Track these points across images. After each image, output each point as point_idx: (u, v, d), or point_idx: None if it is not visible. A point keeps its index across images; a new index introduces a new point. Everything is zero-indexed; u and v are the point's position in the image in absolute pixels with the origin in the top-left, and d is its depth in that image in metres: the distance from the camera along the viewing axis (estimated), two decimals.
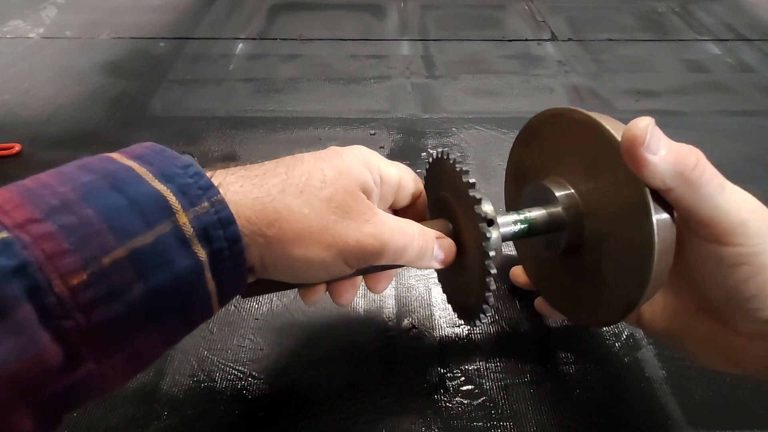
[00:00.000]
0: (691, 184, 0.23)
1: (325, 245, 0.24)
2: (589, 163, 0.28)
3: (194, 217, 0.20)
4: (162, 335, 0.20)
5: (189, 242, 0.19)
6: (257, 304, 0.39)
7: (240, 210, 0.22)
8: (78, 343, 0.17)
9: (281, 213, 0.23)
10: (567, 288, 0.32)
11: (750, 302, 0.24)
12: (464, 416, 0.32)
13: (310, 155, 0.26)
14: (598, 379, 0.34)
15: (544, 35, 0.79)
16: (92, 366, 0.18)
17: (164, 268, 0.19)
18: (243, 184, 0.23)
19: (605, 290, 0.28)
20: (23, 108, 0.61)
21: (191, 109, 0.61)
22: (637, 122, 0.23)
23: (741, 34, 0.79)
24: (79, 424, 0.31)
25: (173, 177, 0.20)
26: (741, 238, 0.23)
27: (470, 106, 0.62)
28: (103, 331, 0.18)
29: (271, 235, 0.23)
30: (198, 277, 0.20)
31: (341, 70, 0.69)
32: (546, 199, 0.30)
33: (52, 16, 0.83)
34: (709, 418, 0.32)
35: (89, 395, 0.19)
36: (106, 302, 0.18)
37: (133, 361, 0.20)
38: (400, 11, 0.86)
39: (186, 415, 0.32)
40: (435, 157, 0.31)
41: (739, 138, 0.57)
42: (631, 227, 0.25)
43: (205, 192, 0.20)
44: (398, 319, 0.38)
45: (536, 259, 0.36)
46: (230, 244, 0.21)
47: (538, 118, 0.31)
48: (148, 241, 0.18)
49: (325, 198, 0.24)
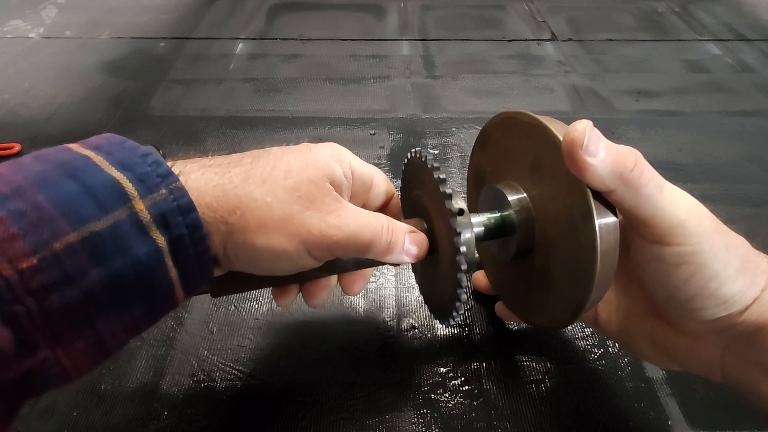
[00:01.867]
0: (631, 185, 0.23)
1: (287, 234, 0.23)
2: (537, 167, 0.28)
3: (152, 204, 0.19)
4: (124, 323, 0.20)
5: (146, 228, 0.19)
6: (257, 304, 0.39)
7: (200, 197, 0.22)
8: (30, 329, 0.17)
9: (243, 200, 0.23)
10: (521, 292, 0.32)
11: (691, 302, 0.24)
12: (464, 416, 0.32)
13: (279, 148, 0.26)
14: (598, 378, 0.34)
15: (544, 35, 0.79)
16: (48, 353, 0.18)
17: (122, 254, 0.19)
18: (204, 172, 0.23)
19: (554, 293, 0.28)
20: (23, 108, 0.61)
21: (191, 109, 0.61)
22: (576, 125, 0.23)
23: (741, 34, 0.79)
24: (78, 423, 0.31)
25: (132, 166, 0.20)
26: (680, 238, 0.23)
27: (470, 106, 0.62)
28: (59, 317, 0.18)
29: (233, 222, 0.22)
30: (158, 264, 0.20)
31: (341, 70, 0.69)
32: (499, 203, 0.30)
33: (52, 16, 0.83)
34: (709, 418, 0.32)
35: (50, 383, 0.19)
36: (60, 287, 0.17)
37: (94, 348, 0.19)
38: (400, 11, 0.86)
39: (186, 415, 0.32)
40: (409, 158, 0.31)
41: (739, 138, 0.57)
42: (574, 230, 0.25)
43: (164, 179, 0.20)
44: (398, 319, 0.38)
45: (494, 264, 0.36)
46: (191, 230, 0.20)
47: (492, 122, 0.32)
48: (103, 226, 0.18)
49: (289, 187, 0.24)
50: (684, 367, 0.27)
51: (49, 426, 0.31)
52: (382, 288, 0.40)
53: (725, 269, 0.23)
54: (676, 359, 0.27)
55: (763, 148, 0.56)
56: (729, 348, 0.25)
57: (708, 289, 0.24)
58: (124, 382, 0.34)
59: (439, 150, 0.55)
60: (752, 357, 0.24)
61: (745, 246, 0.25)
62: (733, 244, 0.24)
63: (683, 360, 0.27)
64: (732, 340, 0.25)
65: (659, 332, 0.27)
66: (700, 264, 0.23)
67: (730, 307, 0.24)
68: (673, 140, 0.57)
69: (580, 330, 0.37)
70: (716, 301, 0.24)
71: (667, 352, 0.27)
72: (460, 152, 0.55)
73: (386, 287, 0.40)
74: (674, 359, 0.27)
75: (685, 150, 0.55)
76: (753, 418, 0.32)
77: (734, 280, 0.24)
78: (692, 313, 0.25)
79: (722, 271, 0.23)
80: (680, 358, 0.27)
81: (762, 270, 0.24)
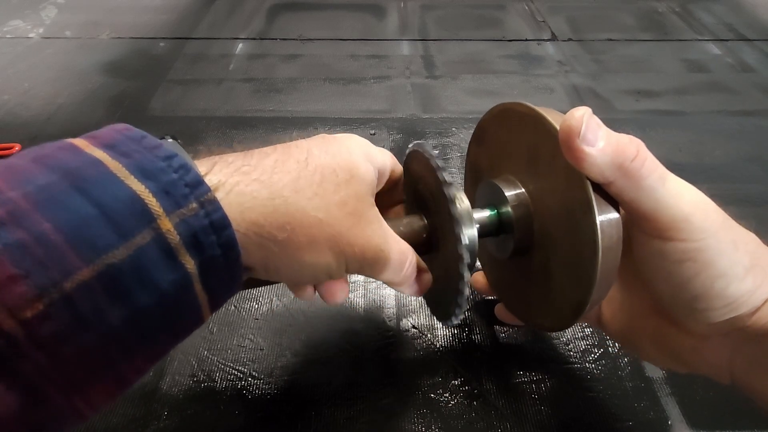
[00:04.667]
0: (631, 176, 0.22)
1: (336, 251, 0.23)
2: (535, 159, 0.27)
3: (180, 221, 0.17)
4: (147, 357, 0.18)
5: (175, 253, 0.16)
6: (257, 304, 0.39)
7: (246, 213, 0.20)
8: (40, 383, 0.15)
9: (295, 216, 0.21)
10: (521, 292, 0.31)
11: (697, 302, 0.23)
12: (464, 416, 0.32)
13: (318, 147, 0.24)
14: (598, 378, 0.34)
15: (544, 35, 0.79)
16: (61, 401, 0.15)
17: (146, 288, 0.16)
18: (249, 182, 0.21)
19: (555, 293, 0.27)
20: (23, 108, 0.61)
21: (191, 109, 0.61)
22: (573, 112, 0.22)
23: (741, 34, 0.79)
24: None
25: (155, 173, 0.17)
26: (684, 233, 0.22)
27: (470, 106, 0.62)
28: (74, 366, 0.15)
29: (282, 240, 0.21)
30: (186, 291, 0.17)
31: (341, 70, 0.69)
32: (496, 199, 0.29)
33: (52, 16, 0.83)
34: (709, 418, 0.32)
35: (64, 427, 0.17)
36: (73, 334, 0.15)
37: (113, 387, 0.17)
38: (400, 11, 0.86)
39: (186, 415, 0.32)
40: (410, 151, 0.30)
41: (739, 138, 0.57)
42: (575, 225, 0.24)
43: (192, 190, 0.17)
44: (398, 319, 0.38)
45: (492, 263, 0.35)
46: (225, 250, 0.18)
47: (488, 115, 0.30)
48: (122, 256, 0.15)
49: (339, 202, 0.23)
50: (689, 368, 0.26)
51: None
52: (382, 288, 0.40)
53: (733, 267, 0.22)
54: (681, 361, 0.26)
55: (763, 148, 0.55)
56: (738, 351, 0.24)
57: (714, 289, 0.22)
58: None
59: (439, 150, 0.55)
60: (764, 361, 0.23)
61: (756, 242, 0.24)
62: (742, 240, 0.23)
63: (689, 362, 0.26)
64: (742, 343, 0.23)
65: (664, 333, 0.26)
66: (706, 261, 0.22)
67: (738, 308, 0.22)
68: (673, 140, 0.57)
69: (580, 330, 0.37)
70: (723, 302, 0.22)
71: (671, 353, 0.26)
72: (460, 152, 0.55)
73: (386, 287, 0.40)
74: (679, 361, 0.26)
75: (685, 150, 0.55)
76: (753, 417, 0.32)
77: (743, 279, 0.22)
78: (698, 313, 0.23)
79: (730, 269, 0.22)
80: (686, 360, 0.26)
81: None
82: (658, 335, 0.27)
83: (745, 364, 0.24)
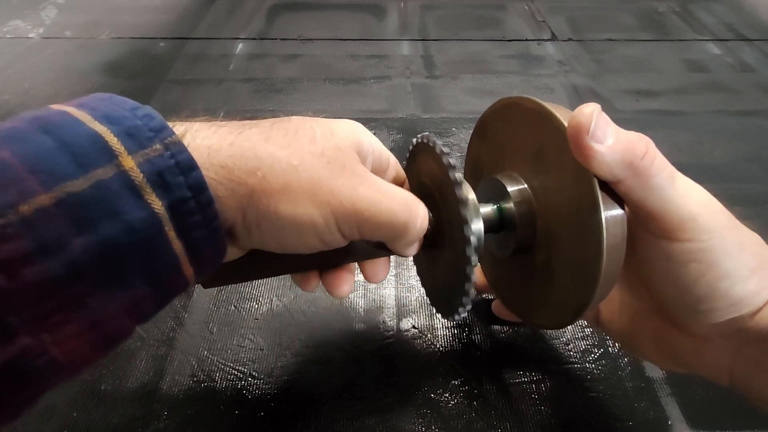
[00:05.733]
0: (640, 175, 0.21)
1: (316, 201, 0.20)
2: (540, 156, 0.26)
3: (145, 160, 0.16)
4: (124, 303, 0.17)
5: (140, 190, 0.16)
6: (257, 304, 0.39)
7: (213, 155, 0.19)
8: (2, 310, 0.14)
9: (265, 160, 0.20)
10: (521, 290, 0.31)
11: (701, 303, 0.23)
12: (464, 416, 0.32)
13: (298, 117, 0.24)
14: (598, 378, 0.34)
15: (544, 35, 0.79)
16: (29, 340, 0.15)
17: (110, 220, 0.16)
18: (216, 130, 0.20)
19: (556, 292, 0.27)
20: (23, 108, 0.61)
21: (191, 109, 0.61)
22: (582, 109, 0.21)
23: (741, 34, 0.79)
24: (78, 424, 0.31)
25: (119, 119, 0.17)
26: (690, 233, 0.22)
27: (470, 106, 0.62)
28: (38, 295, 0.15)
29: (254, 184, 0.19)
30: (157, 233, 0.17)
31: (341, 70, 0.69)
32: (498, 195, 0.28)
33: (52, 16, 0.83)
34: (709, 418, 0.32)
35: (39, 377, 0.16)
36: (35, 259, 0.14)
37: (91, 334, 0.16)
38: (400, 11, 0.86)
39: (186, 415, 0.32)
40: (416, 143, 0.29)
41: (739, 138, 0.57)
42: (580, 223, 0.23)
43: (157, 134, 0.17)
44: (398, 319, 0.38)
45: (492, 260, 0.34)
46: (195, 192, 0.17)
47: (492, 109, 0.30)
48: (83, 186, 0.15)
49: (315, 152, 0.21)
50: (690, 370, 0.26)
51: (49, 426, 0.31)
52: (382, 288, 0.40)
53: (738, 268, 0.22)
54: (681, 362, 0.26)
55: (763, 148, 0.56)
56: (740, 352, 0.24)
57: (719, 289, 0.22)
58: (124, 383, 0.34)
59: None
60: (764, 362, 0.23)
61: (760, 244, 0.23)
62: (747, 241, 0.23)
63: (689, 363, 0.26)
64: (743, 344, 0.23)
65: (665, 333, 0.26)
66: (711, 262, 0.22)
67: (741, 309, 0.22)
68: (673, 140, 0.57)
69: (580, 330, 0.37)
70: (727, 302, 0.22)
71: (672, 354, 0.26)
72: (460, 152, 0.55)
73: (386, 287, 0.40)
74: (680, 362, 0.26)
75: (685, 150, 0.55)
76: (753, 417, 0.32)
77: (747, 280, 0.22)
78: (701, 314, 0.23)
79: (735, 270, 0.22)
80: (686, 361, 0.26)
81: None
82: (658, 336, 0.26)
83: (745, 365, 0.24)
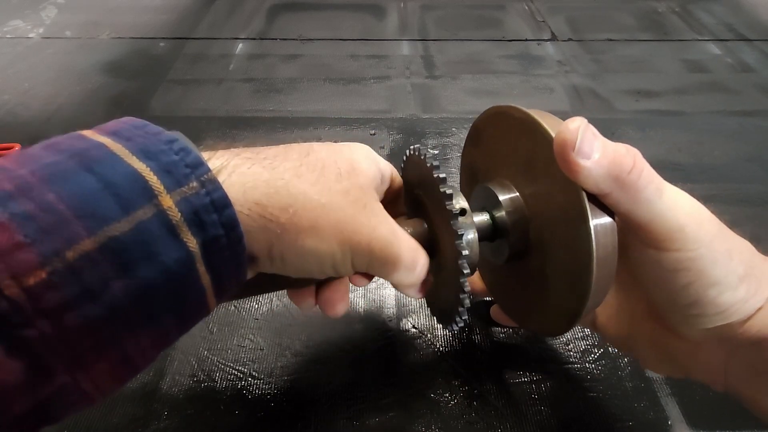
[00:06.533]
0: (628, 189, 0.21)
1: (340, 239, 0.22)
2: (531, 164, 0.26)
3: (182, 199, 0.17)
4: (153, 338, 0.18)
5: (177, 230, 0.17)
6: (257, 304, 0.39)
7: (248, 193, 0.20)
8: (45, 354, 0.15)
9: (297, 198, 0.21)
10: (517, 296, 0.31)
11: (691, 308, 0.23)
12: (464, 416, 0.32)
13: (320, 145, 0.24)
14: (598, 379, 0.34)
15: (544, 35, 0.79)
16: (66, 379, 0.15)
17: (148, 262, 0.16)
18: (251, 165, 0.21)
19: (550, 299, 0.27)
20: (23, 108, 0.61)
21: (191, 109, 0.61)
22: (568, 123, 0.21)
23: (741, 34, 0.79)
24: (79, 424, 0.31)
25: (156, 154, 0.17)
26: (678, 243, 0.22)
27: (470, 106, 0.62)
28: (78, 337, 0.15)
29: (285, 222, 0.20)
30: (189, 270, 0.17)
31: (341, 70, 0.69)
32: (490, 203, 0.29)
33: (52, 16, 0.83)
34: (709, 418, 0.32)
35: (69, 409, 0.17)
36: (78, 304, 0.15)
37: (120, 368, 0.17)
38: (400, 11, 0.86)
39: (186, 415, 0.32)
40: (408, 155, 0.30)
41: (739, 138, 0.57)
42: (570, 232, 0.24)
43: (193, 170, 0.18)
44: (398, 319, 0.38)
45: (489, 266, 0.34)
46: (227, 230, 0.18)
47: (482, 117, 0.30)
48: (125, 229, 0.16)
49: (341, 190, 0.22)
50: (685, 373, 0.26)
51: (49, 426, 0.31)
52: (382, 288, 0.40)
53: (727, 276, 0.22)
54: (677, 365, 0.26)
55: (763, 148, 0.56)
56: (733, 356, 0.24)
57: (707, 297, 0.22)
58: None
59: (439, 150, 0.55)
60: (759, 366, 0.23)
61: (751, 251, 0.24)
62: (736, 249, 0.23)
63: (685, 366, 0.26)
64: (736, 348, 0.24)
65: (660, 336, 0.26)
66: (700, 270, 0.22)
67: (729, 316, 0.23)
68: (673, 140, 0.57)
69: (580, 330, 0.37)
70: (716, 309, 0.23)
71: (668, 357, 0.26)
72: (459, 152, 0.54)
73: (386, 287, 0.40)
74: (675, 365, 0.26)
75: (685, 150, 0.55)
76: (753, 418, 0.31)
77: (736, 287, 0.22)
78: (691, 319, 0.24)
79: (723, 278, 0.22)
80: (682, 364, 0.26)
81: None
82: (654, 339, 0.27)
83: (739, 369, 0.24)
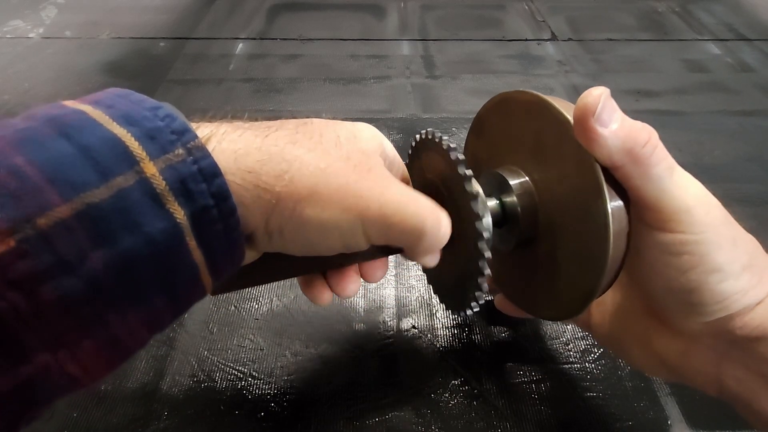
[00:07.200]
0: (640, 163, 0.21)
1: (344, 206, 0.20)
2: (540, 148, 0.26)
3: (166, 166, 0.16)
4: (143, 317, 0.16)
5: (162, 199, 0.15)
6: (257, 304, 0.39)
7: (240, 160, 0.18)
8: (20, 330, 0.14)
9: (292, 164, 0.19)
10: (525, 283, 0.31)
11: (690, 295, 0.23)
12: (464, 416, 0.32)
13: (319, 119, 0.23)
14: (598, 378, 0.34)
15: (544, 35, 0.79)
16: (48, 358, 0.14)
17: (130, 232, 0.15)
18: (243, 132, 0.19)
19: (562, 282, 0.27)
20: (23, 108, 0.61)
21: (191, 109, 0.61)
22: (591, 91, 0.21)
23: (741, 34, 0.79)
24: (78, 424, 0.31)
25: (138, 120, 0.16)
26: (683, 225, 0.22)
27: (470, 106, 0.62)
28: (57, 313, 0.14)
29: (280, 190, 0.19)
30: (178, 244, 0.16)
31: (341, 70, 0.69)
32: (500, 189, 0.28)
33: (52, 16, 0.83)
34: (709, 417, 0.32)
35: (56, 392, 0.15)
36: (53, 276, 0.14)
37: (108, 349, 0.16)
38: (400, 11, 0.86)
39: (186, 415, 0.32)
40: (419, 139, 0.28)
41: (739, 138, 0.57)
42: (584, 211, 0.24)
43: (179, 137, 0.16)
44: (398, 319, 0.38)
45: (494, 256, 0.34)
46: (218, 201, 0.17)
47: (487, 105, 0.30)
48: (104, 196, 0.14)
49: (342, 156, 0.21)
50: (677, 375, 0.26)
51: (49, 426, 0.31)
52: (382, 288, 0.40)
53: (730, 263, 0.22)
54: (669, 366, 0.26)
55: (763, 148, 0.56)
56: (727, 355, 0.24)
57: (709, 283, 0.22)
58: (124, 383, 0.34)
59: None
60: (753, 367, 0.23)
61: (755, 245, 0.23)
62: (741, 239, 0.23)
63: (677, 367, 0.26)
64: (731, 347, 0.23)
65: (654, 335, 0.26)
66: (703, 255, 0.22)
67: (729, 306, 0.22)
68: (673, 140, 0.57)
69: (579, 330, 0.37)
70: (716, 298, 0.22)
71: (660, 358, 0.26)
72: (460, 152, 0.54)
73: (386, 287, 0.40)
74: (668, 365, 0.26)
75: (685, 150, 0.55)
76: None
77: (738, 276, 0.22)
78: (689, 308, 0.23)
79: (726, 265, 0.22)
80: (674, 365, 0.26)
81: None
82: (647, 337, 0.26)
83: (733, 370, 0.24)
